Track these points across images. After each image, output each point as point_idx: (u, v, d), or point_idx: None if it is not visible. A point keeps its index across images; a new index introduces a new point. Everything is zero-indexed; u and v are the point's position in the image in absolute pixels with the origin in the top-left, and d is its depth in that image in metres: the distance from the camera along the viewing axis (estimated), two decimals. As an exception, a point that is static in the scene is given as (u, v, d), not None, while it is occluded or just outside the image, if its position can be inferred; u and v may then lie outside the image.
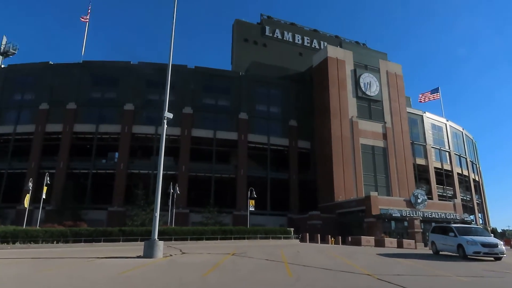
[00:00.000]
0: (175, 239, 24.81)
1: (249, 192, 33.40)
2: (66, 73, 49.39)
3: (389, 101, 53.95)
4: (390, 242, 32.55)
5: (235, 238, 27.36)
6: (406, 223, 39.22)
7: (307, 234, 36.20)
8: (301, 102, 54.57)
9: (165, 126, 18.15)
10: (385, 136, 51.75)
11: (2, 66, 55.07)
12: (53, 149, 46.43)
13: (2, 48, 60.91)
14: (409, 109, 58.32)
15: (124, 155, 46.41)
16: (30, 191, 28.71)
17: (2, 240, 20.56)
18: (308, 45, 71.87)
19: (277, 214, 48.29)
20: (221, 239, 26.70)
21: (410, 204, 41.00)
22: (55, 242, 21.70)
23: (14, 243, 20.70)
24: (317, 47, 70.52)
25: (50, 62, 50.51)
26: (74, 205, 40.52)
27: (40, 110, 47.69)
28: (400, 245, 32.04)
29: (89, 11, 57.42)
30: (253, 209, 33.03)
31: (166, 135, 18.27)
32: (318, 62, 54.91)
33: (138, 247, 18.95)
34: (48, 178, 30.10)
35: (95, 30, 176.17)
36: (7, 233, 21.16)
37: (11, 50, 61.41)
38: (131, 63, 50.17)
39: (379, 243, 32.55)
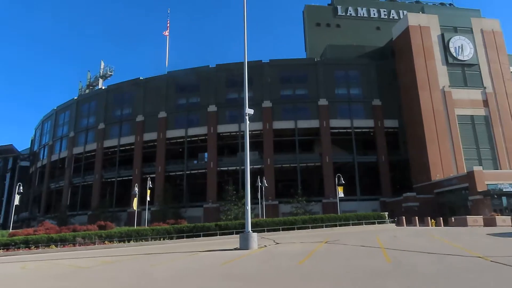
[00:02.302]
0: (267, 230, 25.47)
1: (336, 179, 32.77)
2: (155, 85, 54.05)
3: (488, 63, 47.88)
4: (503, 221, 29.10)
5: (326, 226, 27.08)
6: (521, 198, 34.64)
7: (403, 217, 34.24)
8: (383, 79, 51.41)
9: (247, 122, 18.69)
10: (486, 103, 46.13)
11: (103, 87, 62.34)
12: (151, 156, 51.33)
13: (101, 72, 69.10)
14: (513, 69, 51.08)
15: (213, 154, 49.05)
16: (137, 195, 32.18)
17: (119, 240, 23.43)
18: (386, 17, 67.46)
19: (369, 198, 46.47)
20: (312, 227, 26.65)
21: (525, 176, 36.05)
22: (161, 239, 23.98)
23: (129, 241, 23.45)
24: (396, 17, 65.81)
25: (141, 78, 55.63)
26: (174, 205, 44.44)
27: (137, 122, 52.92)
28: (516, 224, 28.44)
29: (168, 25, 61.87)
30: (342, 196, 32.35)
31: (249, 130, 18.80)
32: (398, 34, 51.17)
33: (234, 239, 19.95)
34: (150, 182, 33.38)
35: (171, 40, 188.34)
36: (122, 233, 24.10)
37: (108, 72, 69.32)
38: (210, 66, 52.74)
39: (489, 222, 29.31)
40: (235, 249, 16.20)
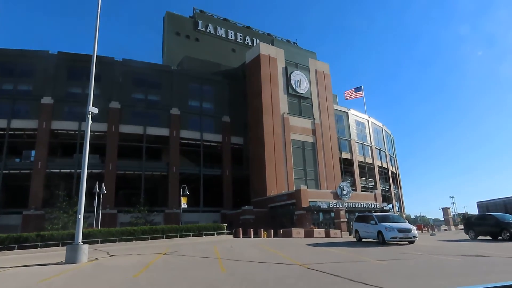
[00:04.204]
0: (102, 242, 23.44)
1: (181, 189, 32.76)
2: (-30, 61, 43.69)
3: (318, 98, 56.56)
4: (319, 233, 34.27)
5: (167, 237, 26.67)
6: (333, 214, 41.48)
7: (240, 229, 36.60)
8: (234, 98, 54.79)
9: (90, 121, 16.94)
10: (314, 132, 54.18)
11: None
12: (-46, 148, 40.92)
13: None
14: (335, 106, 61.71)
15: (42, 153, 42.50)
16: None
17: None
18: (241, 41, 72.37)
19: (211, 210, 48.08)
20: (152, 238, 25.85)
21: (337, 195, 43.47)
22: (-43, 253, 19.17)
23: None
24: (249, 44, 71.31)
25: (-52, 48, 44.24)
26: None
27: None
28: (327, 235, 33.89)
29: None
30: (185, 207, 32.50)
31: (91, 131, 17.12)
32: (251, 59, 55.54)
33: (59, 252, 17.58)
34: None
35: (8, 15, 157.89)
36: None
37: None
38: (50, 52, 46.01)
39: (309, 234, 34.09)
40: (59, 263, 14.23)
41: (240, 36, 72.85)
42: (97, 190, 31.93)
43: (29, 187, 40.96)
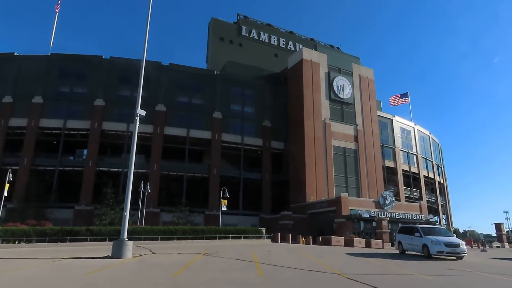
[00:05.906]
0: (145, 239, 24.36)
1: (221, 192, 33.28)
2: (33, 65, 47.26)
3: (361, 104, 55.21)
4: (359, 242, 33.31)
5: (206, 238, 27.17)
6: (374, 224, 40.23)
7: (279, 234, 36.44)
8: (275, 103, 54.89)
9: (137, 123, 17.75)
10: (356, 139, 52.91)
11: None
12: (16, 145, 44.45)
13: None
14: (379, 113, 59.86)
15: (93, 152, 45.04)
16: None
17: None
18: (284, 46, 72.46)
19: (249, 214, 48.32)
20: (192, 239, 26.44)
21: (379, 205, 42.09)
22: (16, 242, 20.75)
23: (-30, 243, 19.60)
24: (292, 49, 71.20)
25: (16, 53, 48.20)
26: (38, 204, 39.00)
27: (3, 104, 45.43)
28: (368, 245, 32.84)
29: (59, 0, 55.08)
30: (225, 209, 32.97)
31: (138, 132, 17.88)
32: (293, 64, 55.42)
33: (106, 247, 18.47)
34: (10, 175, 28.67)
35: (66, 21, 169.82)
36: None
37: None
38: (103, 57, 48.83)
39: (348, 243, 33.24)
40: (106, 257, 14.98)
41: (283, 41, 73.01)
42: (142, 189, 33.28)
43: (81, 183, 43.54)
